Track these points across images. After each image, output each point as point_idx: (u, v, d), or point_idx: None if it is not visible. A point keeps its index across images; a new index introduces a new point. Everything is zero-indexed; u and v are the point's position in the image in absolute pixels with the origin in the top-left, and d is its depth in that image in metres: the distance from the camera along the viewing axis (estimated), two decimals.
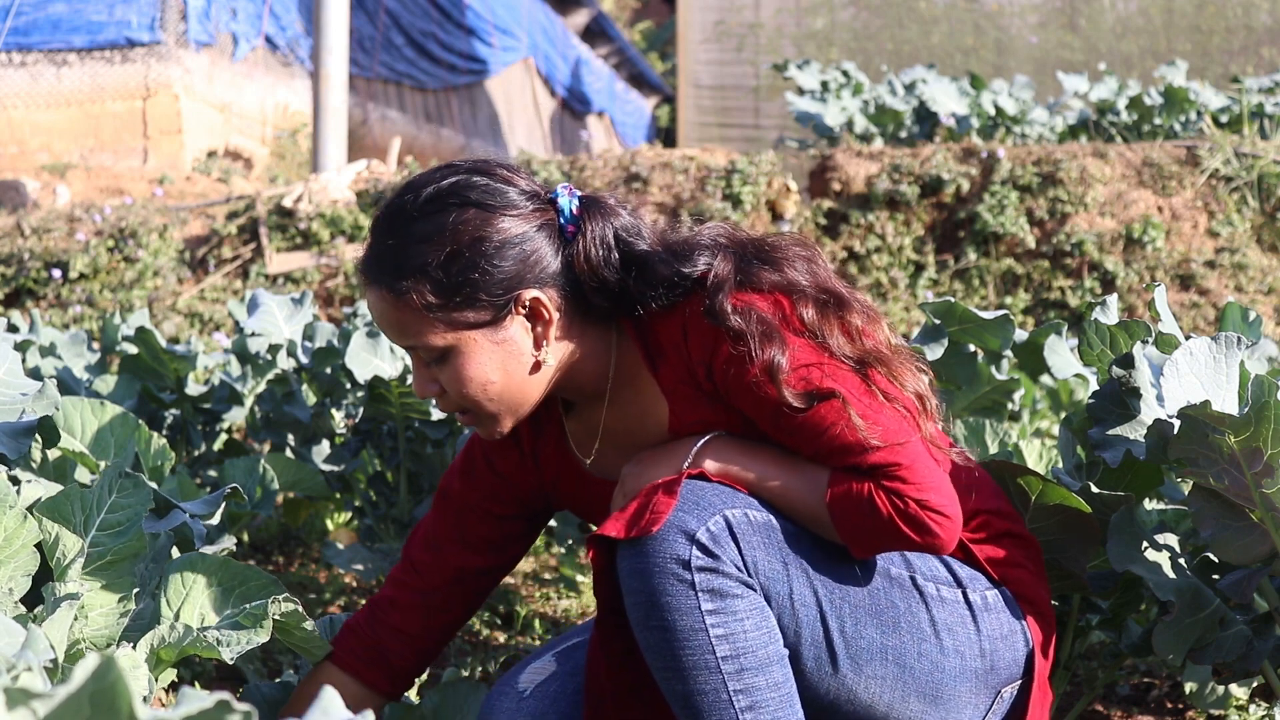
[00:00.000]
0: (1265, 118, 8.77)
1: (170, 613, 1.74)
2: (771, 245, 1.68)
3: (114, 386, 3.51)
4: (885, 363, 1.62)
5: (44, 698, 0.73)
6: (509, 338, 1.65)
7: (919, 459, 1.58)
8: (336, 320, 6.63)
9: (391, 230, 1.65)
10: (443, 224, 1.62)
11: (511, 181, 1.66)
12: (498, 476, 1.87)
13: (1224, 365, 1.87)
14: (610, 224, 1.67)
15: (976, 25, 13.55)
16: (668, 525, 1.54)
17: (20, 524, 1.61)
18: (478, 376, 1.65)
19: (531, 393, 1.69)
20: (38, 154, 9.69)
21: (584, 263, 1.65)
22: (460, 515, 1.89)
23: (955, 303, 2.44)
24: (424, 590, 1.89)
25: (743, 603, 1.54)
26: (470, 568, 1.89)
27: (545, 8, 16.92)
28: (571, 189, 1.70)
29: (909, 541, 1.58)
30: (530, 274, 1.63)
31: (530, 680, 1.80)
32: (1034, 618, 1.73)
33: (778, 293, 1.62)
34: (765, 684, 1.55)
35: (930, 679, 1.63)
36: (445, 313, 1.62)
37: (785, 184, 7.47)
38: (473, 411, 1.69)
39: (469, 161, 1.70)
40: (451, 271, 1.61)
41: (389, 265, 1.64)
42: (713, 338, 1.61)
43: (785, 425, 1.60)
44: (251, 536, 3.73)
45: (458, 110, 14.48)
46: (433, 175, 1.67)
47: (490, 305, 1.63)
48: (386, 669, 1.89)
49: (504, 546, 1.91)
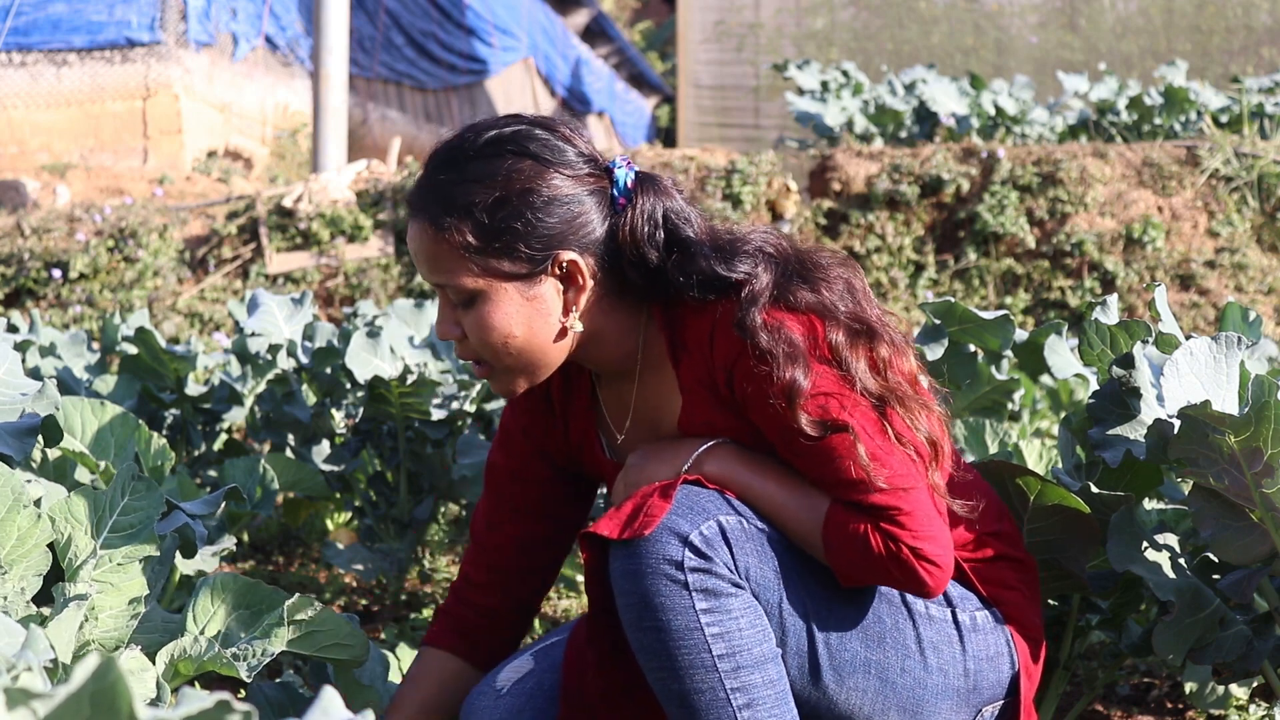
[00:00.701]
0: (1265, 118, 8.77)
1: (196, 628, 1.75)
2: (814, 263, 1.66)
3: (114, 386, 3.51)
4: (904, 403, 1.61)
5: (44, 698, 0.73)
6: (539, 295, 1.64)
7: (920, 506, 1.58)
8: (336, 320, 6.63)
9: (446, 165, 1.64)
10: (496, 168, 1.62)
11: (571, 141, 1.66)
12: (530, 441, 1.88)
13: (1224, 365, 1.87)
14: (662, 202, 1.66)
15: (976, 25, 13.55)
16: (661, 527, 1.54)
17: (33, 524, 1.62)
18: (501, 327, 1.64)
19: (551, 357, 1.68)
20: (38, 154, 9.69)
21: (629, 234, 1.64)
22: (508, 486, 1.90)
23: (955, 303, 2.44)
24: (494, 567, 1.91)
25: (736, 601, 1.55)
26: (530, 537, 1.90)
27: (545, 8, 16.92)
28: (630, 162, 1.69)
29: (896, 583, 1.60)
30: (573, 236, 1.63)
31: (508, 679, 1.81)
32: (1022, 640, 1.74)
33: (811, 314, 1.60)
34: (761, 681, 1.55)
35: (911, 694, 1.65)
36: (482, 257, 1.62)
37: (785, 184, 7.47)
38: (488, 363, 1.68)
39: (534, 115, 1.69)
40: (496, 217, 1.60)
41: (436, 199, 1.63)
42: (738, 347, 1.60)
43: (795, 447, 1.60)
44: (251, 536, 3.73)
45: (458, 110, 14.47)
46: (497, 120, 1.66)
47: (527, 259, 1.62)
48: (482, 644, 1.91)
49: (556, 512, 1.91)
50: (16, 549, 1.61)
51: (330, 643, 1.82)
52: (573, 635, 1.81)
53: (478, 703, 1.80)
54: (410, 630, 3.00)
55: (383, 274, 7.15)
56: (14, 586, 1.61)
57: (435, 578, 3.45)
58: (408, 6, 13.22)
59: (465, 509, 3.53)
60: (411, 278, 7.14)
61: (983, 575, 1.74)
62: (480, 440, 3.08)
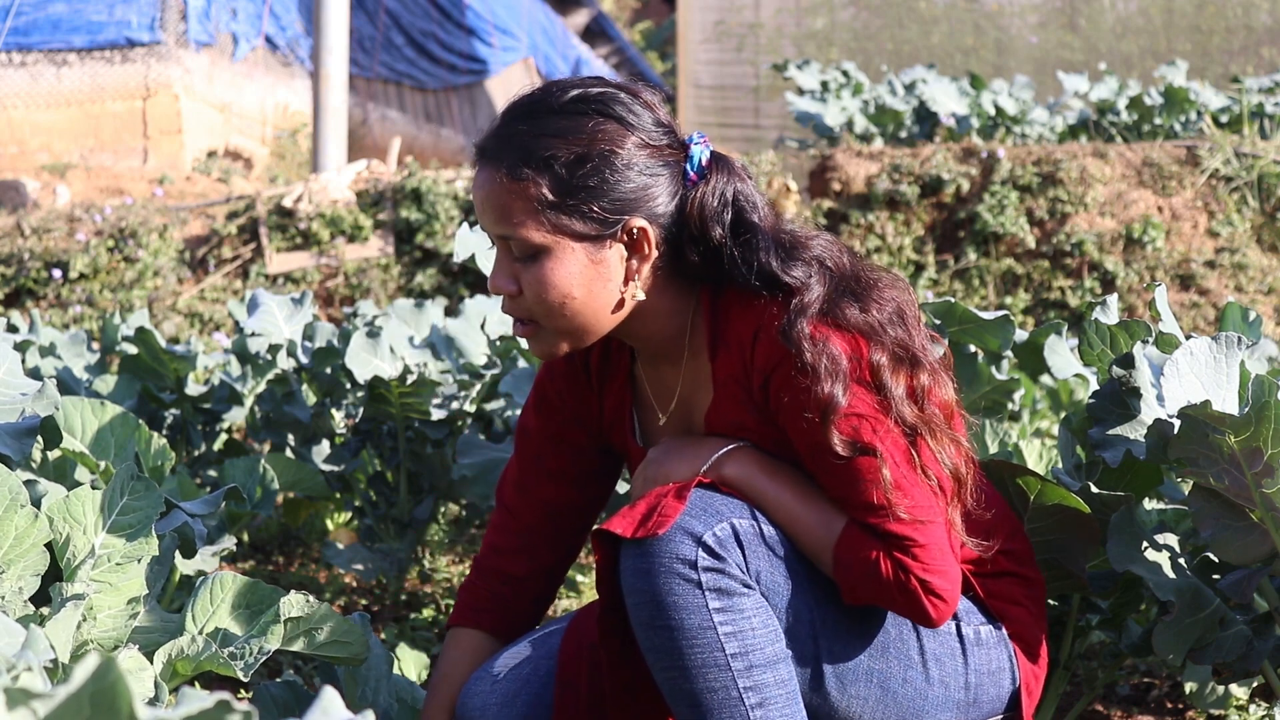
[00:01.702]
0: (1265, 118, 8.76)
1: (194, 628, 1.75)
2: (869, 281, 1.65)
3: (114, 386, 3.51)
4: (935, 435, 1.60)
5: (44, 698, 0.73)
6: (605, 259, 1.62)
7: (935, 540, 1.58)
8: (336, 320, 6.63)
9: (527, 116, 1.62)
10: (581, 125, 1.59)
11: (653, 109, 1.65)
12: (566, 406, 1.86)
13: (1224, 365, 1.87)
14: (734, 184, 1.65)
15: (976, 25, 13.55)
16: (675, 527, 1.55)
17: (31, 524, 1.62)
18: (562, 285, 1.61)
19: (603, 323, 1.66)
20: (38, 154, 9.69)
21: (696, 210, 1.62)
22: (540, 448, 1.88)
23: (955, 303, 2.44)
24: (521, 532, 1.89)
25: (749, 601, 1.55)
26: (559, 502, 1.89)
27: (545, 8, 16.91)
28: (707, 139, 1.68)
29: (900, 609, 1.60)
30: (645, 204, 1.61)
31: (505, 664, 1.81)
32: (1025, 656, 1.75)
33: (858, 334, 1.59)
34: (773, 681, 1.56)
35: (911, 705, 1.66)
36: (555, 212, 1.59)
37: (785, 184, 7.47)
38: (538, 322, 1.65)
39: (619, 79, 1.68)
40: (575, 173, 1.58)
41: (515, 148, 1.60)
42: (779, 354, 1.59)
43: (821, 463, 1.60)
44: (251, 536, 3.73)
45: (458, 110, 14.47)
46: (582, 80, 1.64)
47: (599, 220, 1.60)
48: (507, 614, 1.89)
49: (585, 481, 1.90)
50: (14, 549, 1.61)
51: (328, 640, 1.81)
52: (571, 625, 1.81)
53: (475, 687, 1.80)
54: (410, 630, 3.00)
55: (383, 274, 7.15)
56: (12, 586, 1.61)
57: (435, 578, 3.45)
58: (408, 6, 13.22)
59: (465, 509, 3.52)
60: (411, 278, 7.14)
61: (989, 590, 1.74)
62: (480, 440, 3.07)
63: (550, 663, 1.80)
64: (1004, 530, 1.77)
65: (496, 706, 1.77)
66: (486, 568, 1.91)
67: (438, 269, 7.16)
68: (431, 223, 7.18)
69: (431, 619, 3.11)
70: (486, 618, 1.89)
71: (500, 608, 1.89)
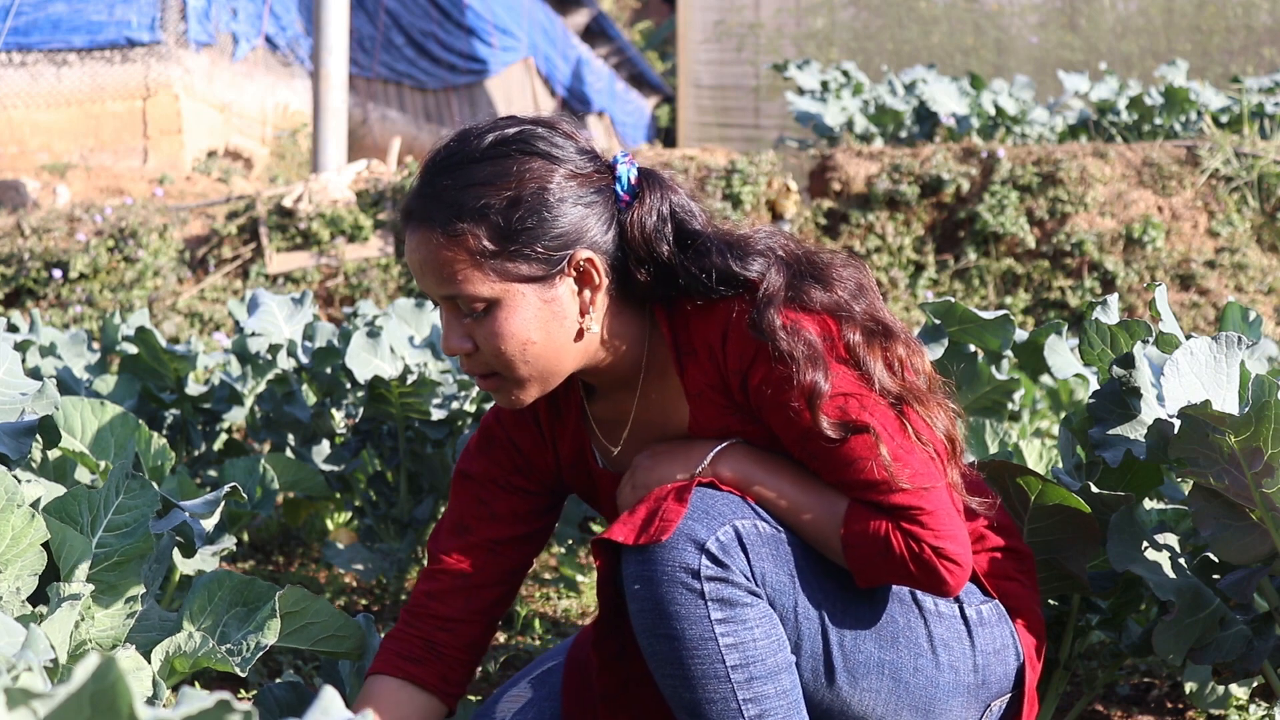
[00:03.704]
0: (1265, 118, 8.76)
1: (192, 625, 1.74)
2: (825, 263, 1.64)
3: (114, 386, 3.51)
4: (922, 401, 1.59)
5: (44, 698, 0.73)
6: (556, 297, 1.59)
7: (941, 505, 1.57)
8: (336, 320, 6.63)
9: (448, 170, 1.58)
10: (507, 169, 1.56)
11: (574, 138, 1.62)
12: (518, 452, 1.81)
13: (1224, 365, 1.87)
14: (668, 198, 1.63)
15: (976, 25, 13.54)
16: (677, 534, 1.52)
17: (28, 523, 1.62)
18: (519, 334, 1.58)
19: (566, 362, 1.63)
20: (38, 154, 9.69)
21: (637, 232, 1.60)
22: (483, 491, 1.81)
23: (955, 303, 2.44)
24: (459, 573, 1.80)
25: (752, 611, 1.54)
26: (503, 538, 1.81)
27: (545, 8, 16.92)
28: (631, 158, 1.66)
29: (916, 582, 1.59)
30: (585, 234, 1.59)
31: (506, 709, 1.78)
32: (1025, 629, 1.74)
33: (826, 315, 1.58)
34: (774, 691, 1.55)
35: (924, 693, 1.64)
36: (499, 260, 1.55)
37: (785, 184, 7.47)
38: (500, 375, 1.61)
39: (530, 115, 1.65)
40: (511, 218, 1.55)
41: (444, 205, 1.56)
42: (753, 349, 1.58)
43: (812, 450, 1.58)
44: (251, 536, 3.74)
45: (458, 110, 14.47)
46: (494, 123, 1.61)
47: (544, 260, 1.57)
48: (437, 663, 1.78)
49: (530, 518, 1.84)
50: (11, 549, 1.60)
51: (325, 635, 1.81)
52: (570, 660, 1.78)
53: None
54: None
55: (383, 274, 7.15)
56: (9, 586, 1.60)
57: None
58: (408, 6, 13.22)
59: None
60: (412, 277, 7.14)
61: (984, 568, 1.73)
62: None
63: (554, 704, 1.78)
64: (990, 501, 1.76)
65: None
66: (420, 613, 1.80)
67: None
68: None
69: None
70: (416, 668, 1.78)
71: (432, 657, 1.78)
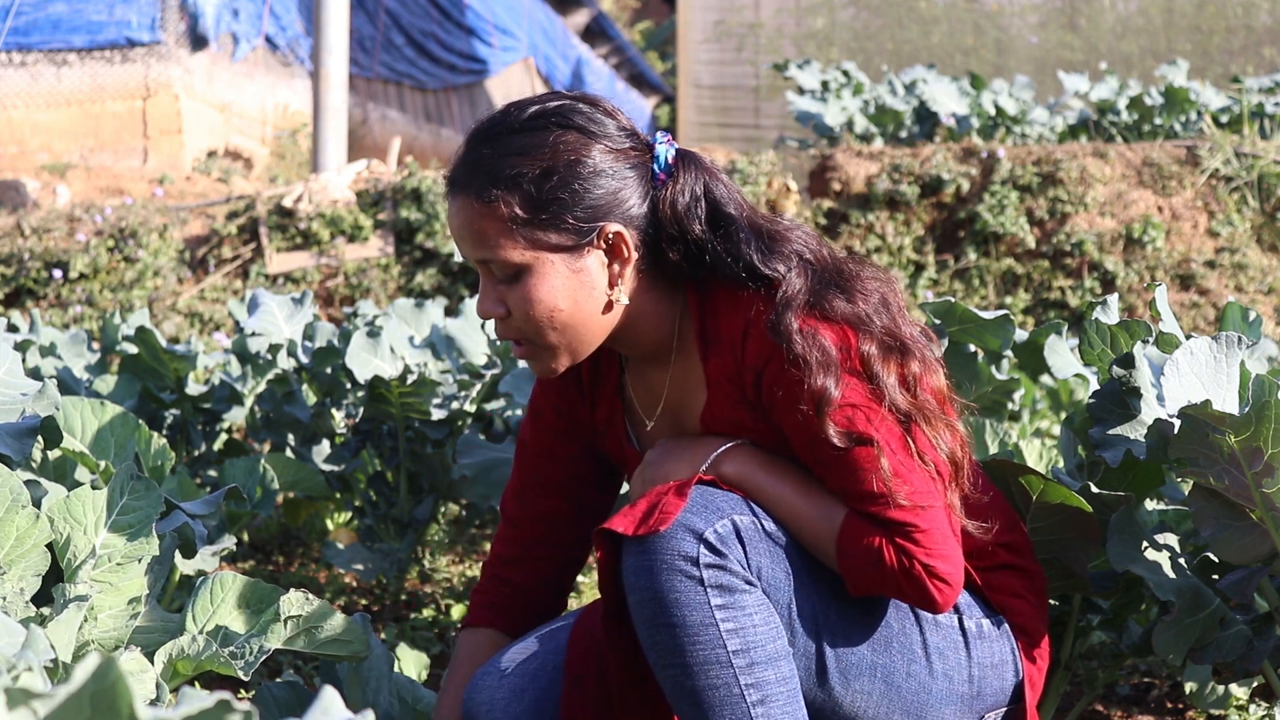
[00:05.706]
0: (1265, 118, 8.76)
1: (195, 628, 1.75)
2: (852, 274, 1.67)
3: (114, 386, 3.51)
4: (930, 421, 1.61)
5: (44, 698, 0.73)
6: (585, 268, 1.64)
7: (937, 525, 1.59)
8: (336, 320, 6.63)
9: (489, 140, 1.64)
10: (543, 140, 1.62)
11: (614, 116, 1.67)
12: (560, 417, 1.88)
13: (1224, 365, 1.87)
14: (704, 178, 1.67)
15: (976, 25, 13.54)
16: (676, 524, 1.55)
17: (32, 524, 1.62)
18: (547, 300, 1.63)
19: (595, 332, 1.68)
20: (38, 154, 9.69)
21: (669, 209, 1.64)
22: (535, 461, 1.91)
23: (955, 303, 2.44)
24: (522, 542, 1.92)
25: (750, 598, 1.56)
26: (555, 515, 1.91)
27: (545, 8, 16.91)
28: (670, 139, 1.70)
29: (905, 596, 1.61)
30: (617, 208, 1.63)
31: (512, 659, 1.81)
32: (1027, 648, 1.75)
33: (845, 325, 1.61)
34: (774, 678, 1.56)
35: (916, 699, 1.66)
36: (529, 228, 1.61)
37: (785, 184, 7.47)
38: (532, 341, 1.67)
39: (574, 91, 1.70)
40: (543, 188, 1.60)
41: (481, 173, 1.63)
42: (770, 349, 1.61)
43: (818, 455, 1.61)
44: (251, 536, 3.74)
45: (458, 110, 14.47)
46: (539, 96, 1.67)
47: (574, 230, 1.62)
48: (521, 615, 1.92)
49: (582, 492, 1.91)
50: (15, 549, 1.61)
51: (329, 638, 1.81)
52: (578, 621, 1.81)
53: (482, 681, 1.80)
54: (410, 630, 3.00)
55: (383, 274, 7.15)
56: (13, 587, 1.61)
57: (435, 578, 3.45)
58: (408, 6, 13.21)
59: (465, 509, 3.52)
60: (411, 278, 7.14)
61: (990, 583, 1.75)
62: (480, 440, 3.07)
63: (558, 658, 1.80)
64: (1002, 521, 1.77)
65: (504, 701, 1.77)
66: (494, 574, 1.94)
67: (438, 269, 7.16)
68: (431, 222, 7.18)
69: (431, 619, 3.11)
70: (500, 619, 1.91)
71: (511, 612, 1.92)
